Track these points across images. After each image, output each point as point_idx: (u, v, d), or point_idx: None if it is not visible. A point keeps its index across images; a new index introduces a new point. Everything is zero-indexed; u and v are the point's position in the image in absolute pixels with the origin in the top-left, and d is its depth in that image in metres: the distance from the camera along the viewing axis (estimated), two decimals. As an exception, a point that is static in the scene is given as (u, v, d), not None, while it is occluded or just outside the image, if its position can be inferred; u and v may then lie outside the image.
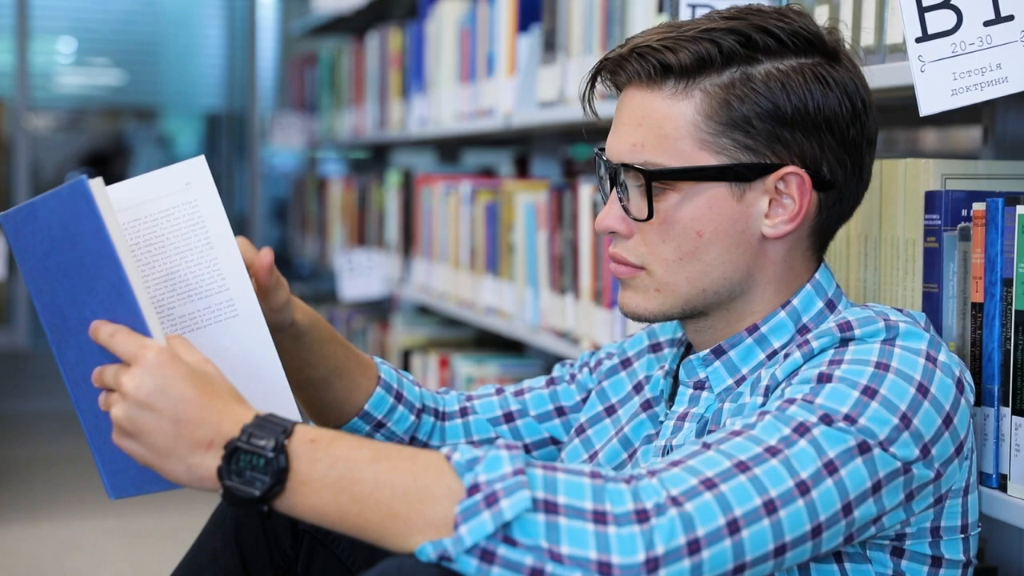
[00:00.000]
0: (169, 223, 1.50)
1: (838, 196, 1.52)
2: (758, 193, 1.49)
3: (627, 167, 1.51)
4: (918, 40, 1.53)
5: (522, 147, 4.72)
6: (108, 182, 1.42)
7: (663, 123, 1.49)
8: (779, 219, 1.50)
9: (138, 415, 1.31)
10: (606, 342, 2.64)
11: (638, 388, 1.71)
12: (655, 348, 1.73)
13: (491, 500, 1.23)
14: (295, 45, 7.67)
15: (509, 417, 1.81)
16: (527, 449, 1.81)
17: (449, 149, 5.37)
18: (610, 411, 1.72)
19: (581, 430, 1.74)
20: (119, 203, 1.46)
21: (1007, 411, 1.55)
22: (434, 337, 4.30)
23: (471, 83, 3.69)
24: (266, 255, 1.57)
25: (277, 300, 1.61)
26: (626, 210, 1.53)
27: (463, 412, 1.83)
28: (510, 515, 1.23)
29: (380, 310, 5.10)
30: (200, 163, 1.51)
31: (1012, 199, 1.55)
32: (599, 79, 1.56)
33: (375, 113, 4.93)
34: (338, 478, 1.27)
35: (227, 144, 9.40)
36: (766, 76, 1.47)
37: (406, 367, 4.18)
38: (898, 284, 1.70)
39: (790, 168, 1.48)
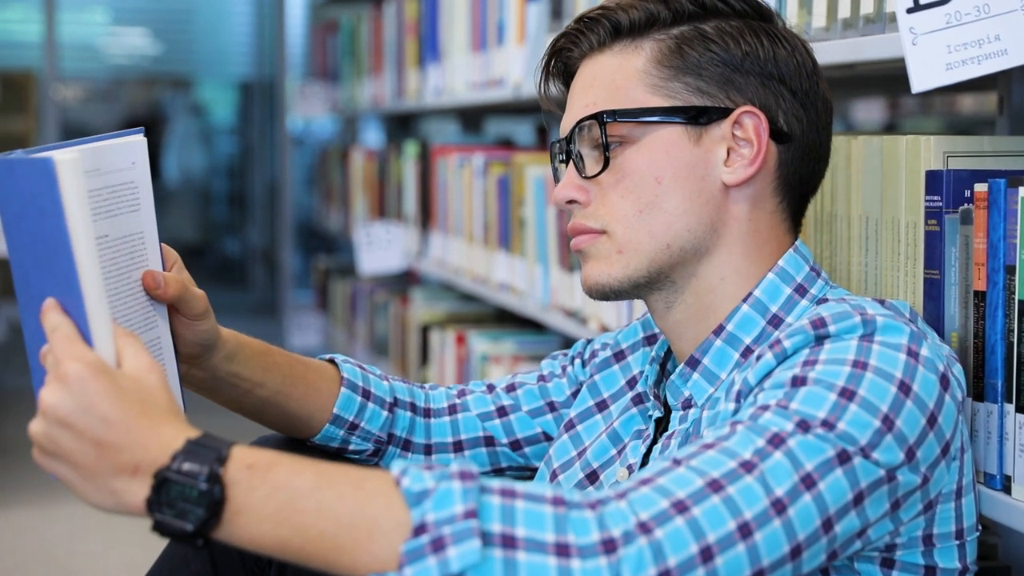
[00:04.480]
0: (115, 200, 1.41)
1: (799, 152, 1.48)
2: (715, 139, 1.45)
3: (581, 123, 1.48)
4: (909, 11, 1.43)
5: (542, 116, 4.61)
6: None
7: (614, 75, 1.48)
8: (737, 164, 1.45)
9: (58, 435, 1.19)
10: (613, 323, 2.56)
11: (631, 383, 1.64)
12: (650, 340, 1.66)
13: (438, 546, 1.13)
14: (320, 12, 7.59)
15: (502, 412, 1.75)
16: (519, 445, 1.75)
17: (472, 118, 5.27)
18: (601, 406, 1.65)
19: (570, 425, 1.67)
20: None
21: (1011, 408, 1.44)
22: (453, 312, 4.21)
23: (483, 52, 3.59)
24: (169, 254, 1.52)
25: (192, 308, 1.52)
26: (581, 173, 1.49)
27: (452, 409, 1.76)
28: (456, 567, 1.12)
29: (402, 284, 5.02)
30: (142, 142, 1.43)
31: (1015, 180, 1.43)
32: (552, 65, 1.57)
33: (393, 82, 4.84)
34: (277, 508, 1.16)
35: (259, 112, 9.38)
36: (717, 28, 1.47)
37: (424, 344, 4.11)
38: (899, 270, 1.60)
39: (745, 108, 1.45)
